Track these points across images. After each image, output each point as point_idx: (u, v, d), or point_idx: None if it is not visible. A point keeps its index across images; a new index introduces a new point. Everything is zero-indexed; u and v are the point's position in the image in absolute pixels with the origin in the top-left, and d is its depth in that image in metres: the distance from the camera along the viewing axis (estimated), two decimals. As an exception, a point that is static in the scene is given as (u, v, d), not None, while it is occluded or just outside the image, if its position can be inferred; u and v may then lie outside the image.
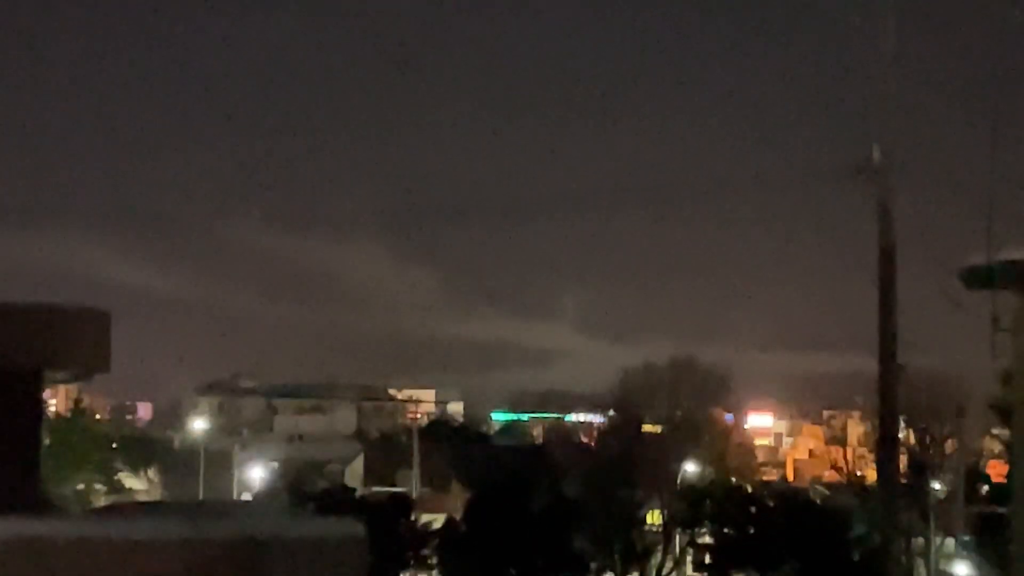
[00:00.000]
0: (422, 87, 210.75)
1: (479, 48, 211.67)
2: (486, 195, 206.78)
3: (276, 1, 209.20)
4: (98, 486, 70.00)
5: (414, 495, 66.63)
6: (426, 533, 52.00)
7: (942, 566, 56.74)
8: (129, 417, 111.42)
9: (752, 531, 52.37)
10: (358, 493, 60.30)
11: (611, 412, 67.50)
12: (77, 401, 75.48)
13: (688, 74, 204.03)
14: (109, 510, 8.78)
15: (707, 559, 55.04)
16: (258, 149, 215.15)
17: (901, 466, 42.32)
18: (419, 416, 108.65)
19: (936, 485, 59.44)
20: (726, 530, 53.60)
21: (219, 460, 77.74)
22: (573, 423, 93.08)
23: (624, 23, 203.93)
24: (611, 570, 55.69)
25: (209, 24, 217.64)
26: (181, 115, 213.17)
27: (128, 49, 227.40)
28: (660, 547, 57.88)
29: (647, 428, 64.35)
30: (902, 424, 49.65)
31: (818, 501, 61.99)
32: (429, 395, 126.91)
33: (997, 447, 61.47)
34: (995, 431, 59.20)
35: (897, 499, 33.17)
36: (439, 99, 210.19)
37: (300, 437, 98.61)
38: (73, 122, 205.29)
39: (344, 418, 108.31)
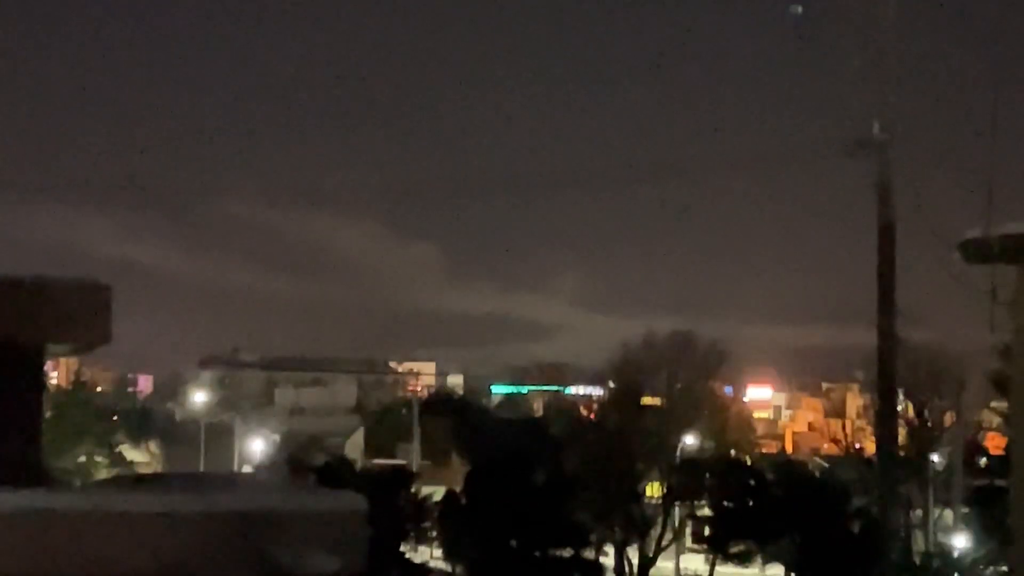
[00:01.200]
0: (421, 63, 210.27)
1: (476, 25, 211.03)
2: (485, 169, 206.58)
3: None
4: (99, 459, 70.02)
5: (414, 468, 66.71)
6: (426, 505, 52.08)
7: (940, 538, 56.84)
8: (130, 390, 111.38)
9: (751, 504, 52.45)
10: (358, 466, 60.35)
11: (611, 385, 67.44)
12: (78, 374, 75.49)
13: (687, 47, 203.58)
14: (110, 483, 8.83)
15: (706, 532, 55.18)
16: (259, 124, 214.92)
17: (900, 439, 42.41)
18: (419, 389, 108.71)
19: (935, 457, 59.55)
20: (725, 503, 53.68)
21: (220, 433, 77.89)
22: (573, 396, 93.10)
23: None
24: (611, 542, 55.78)
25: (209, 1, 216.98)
26: (183, 91, 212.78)
27: (128, 23, 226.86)
28: (659, 520, 57.98)
29: (647, 401, 64.30)
30: (901, 397, 49.76)
31: (817, 474, 62.11)
32: (429, 368, 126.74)
33: (996, 420, 61.58)
34: (994, 404, 59.31)
35: (896, 471, 33.25)
36: (438, 75, 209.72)
37: (301, 410, 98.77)
38: (75, 96, 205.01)
39: (344, 391, 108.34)
